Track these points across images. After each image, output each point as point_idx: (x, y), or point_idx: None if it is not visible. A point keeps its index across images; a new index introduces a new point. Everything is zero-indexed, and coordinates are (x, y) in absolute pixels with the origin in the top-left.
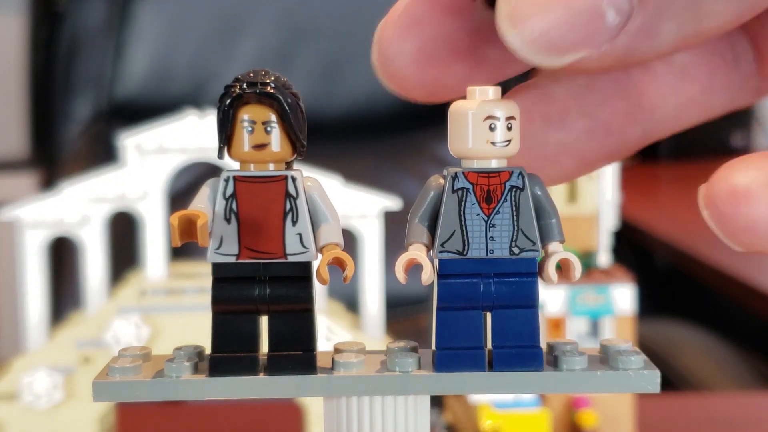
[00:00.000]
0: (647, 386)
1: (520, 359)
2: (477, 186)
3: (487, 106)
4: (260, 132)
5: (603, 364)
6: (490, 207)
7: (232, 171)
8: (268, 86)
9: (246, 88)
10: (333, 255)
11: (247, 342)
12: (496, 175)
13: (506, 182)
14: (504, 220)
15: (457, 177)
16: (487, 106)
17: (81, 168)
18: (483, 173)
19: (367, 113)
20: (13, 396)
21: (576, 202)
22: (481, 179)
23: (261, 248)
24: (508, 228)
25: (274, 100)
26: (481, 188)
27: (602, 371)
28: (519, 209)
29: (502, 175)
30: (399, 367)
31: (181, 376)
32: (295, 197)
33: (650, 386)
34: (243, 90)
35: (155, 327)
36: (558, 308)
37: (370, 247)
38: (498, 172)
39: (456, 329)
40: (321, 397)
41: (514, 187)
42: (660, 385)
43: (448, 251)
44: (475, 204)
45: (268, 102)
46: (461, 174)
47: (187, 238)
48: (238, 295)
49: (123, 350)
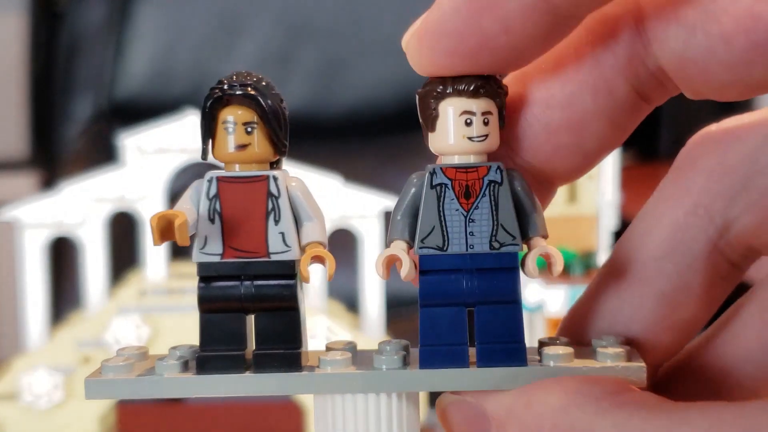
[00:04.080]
0: (634, 380)
1: (503, 355)
2: (455, 181)
3: (463, 101)
4: (241, 133)
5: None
6: (468, 202)
7: (215, 172)
8: (248, 87)
9: (227, 89)
10: (313, 253)
11: (234, 340)
12: (474, 170)
13: (484, 177)
14: (483, 215)
15: (435, 173)
16: (462, 101)
17: (81, 168)
18: (461, 168)
19: (367, 113)
20: (13, 396)
21: (576, 202)
22: (459, 174)
23: (244, 247)
24: (488, 223)
25: (253, 100)
26: (459, 183)
27: (588, 366)
28: (498, 204)
29: (480, 170)
30: (384, 364)
31: (169, 374)
32: (277, 196)
33: (637, 380)
34: (224, 91)
35: (155, 327)
36: (558, 308)
37: (370, 247)
38: (476, 167)
39: (439, 326)
40: (305, 394)
41: (493, 182)
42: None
43: (428, 247)
44: (454, 199)
45: (247, 103)
46: (439, 169)
47: (166, 238)
48: (223, 294)
49: (120, 350)
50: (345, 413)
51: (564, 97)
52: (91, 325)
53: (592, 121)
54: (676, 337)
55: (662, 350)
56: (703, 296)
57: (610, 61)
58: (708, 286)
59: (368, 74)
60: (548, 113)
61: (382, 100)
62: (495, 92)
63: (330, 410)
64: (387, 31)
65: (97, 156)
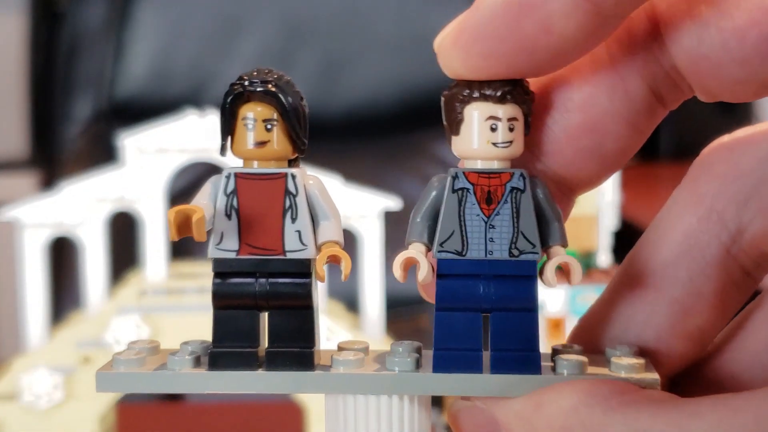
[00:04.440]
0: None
1: (518, 363)
2: (477, 186)
3: (489, 106)
4: (261, 129)
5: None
6: (490, 208)
7: (234, 168)
8: (269, 84)
9: (247, 85)
10: (329, 252)
11: (247, 337)
12: (497, 176)
13: (507, 183)
14: (504, 221)
15: (458, 177)
16: (488, 107)
17: (81, 168)
18: (484, 174)
19: (367, 113)
20: (13, 396)
21: (576, 202)
22: (481, 180)
23: (261, 244)
24: (508, 229)
25: (273, 97)
26: (481, 189)
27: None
28: (519, 211)
29: (503, 176)
30: (397, 366)
31: (181, 369)
32: (294, 195)
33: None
34: (244, 88)
35: (155, 327)
36: (558, 308)
37: (370, 247)
38: (499, 173)
39: (454, 330)
40: (317, 394)
41: (515, 189)
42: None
43: (446, 251)
44: (475, 204)
45: (268, 100)
46: (461, 174)
47: (184, 233)
48: (237, 291)
49: (132, 343)
50: (357, 414)
51: (581, 99)
52: (91, 325)
53: (611, 123)
54: (690, 344)
55: (676, 359)
56: (716, 303)
57: (626, 61)
58: (721, 293)
59: (368, 74)
60: (567, 116)
61: (382, 100)
62: (522, 98)
63: (342, 411)
64: (387, 31)
65: (97, 156)
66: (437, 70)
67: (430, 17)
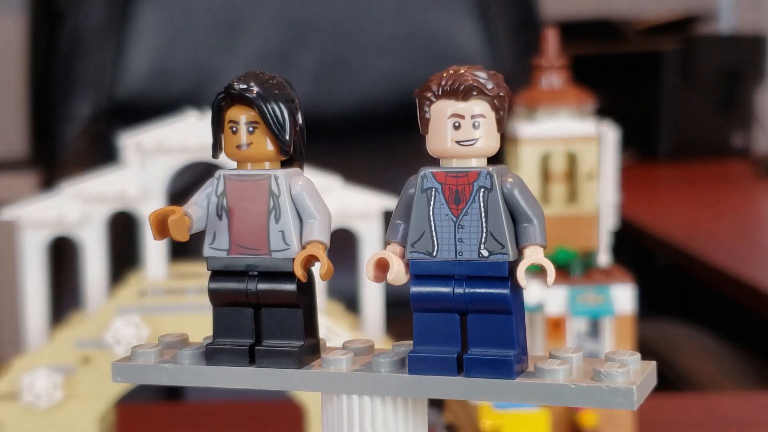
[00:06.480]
0: (622, 402)
1: (490, 366)
2: (446, 186)
3: (452, 103)
4: (244, 132)
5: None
6: (458, 207)
7: (224, 170)
8: (251, 88)
9: (231, 90)
10: (306, 253)
11: (242, 333)
12: (464, 175)
13: (474, 182)
14: (473, 221)
15: (426, 176)
16: (451, 104)
17: (81, 168)
18: (451, 173)
19: (367, 113)
20: (13, 396)
21: (576, 202)
22: (449, 179)
23: (249, 244)
24: (477, 230)
25: (252, 101)
26: (449, 188)
27: (577, 385)
28: (488, 210)
29: (470, 175)
30: (383, 367)
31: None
32: (277, 195)
33: (625, 402)
34: (227, 92)
35: (155, 327)
36: (558, 308)
37: (370, 247)
38: (465, 172)
39: (430, 332)
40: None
41: (483, 188)
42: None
43: (418, 252)
44: (444, 204)
45: (247, 103)
46: (430, 173)
47: (165, 234)
48: (230, 289)
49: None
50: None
51: None
52: (91, 325)
53: None
54: None
55: None
56: None
57: None
58: None
59: (368, 74)
60: None
61: (382, 100)
62: (492, 94)
63: (337, 409)
64: (387, 31)
65: (97, 156)
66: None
67: (430, 17)
